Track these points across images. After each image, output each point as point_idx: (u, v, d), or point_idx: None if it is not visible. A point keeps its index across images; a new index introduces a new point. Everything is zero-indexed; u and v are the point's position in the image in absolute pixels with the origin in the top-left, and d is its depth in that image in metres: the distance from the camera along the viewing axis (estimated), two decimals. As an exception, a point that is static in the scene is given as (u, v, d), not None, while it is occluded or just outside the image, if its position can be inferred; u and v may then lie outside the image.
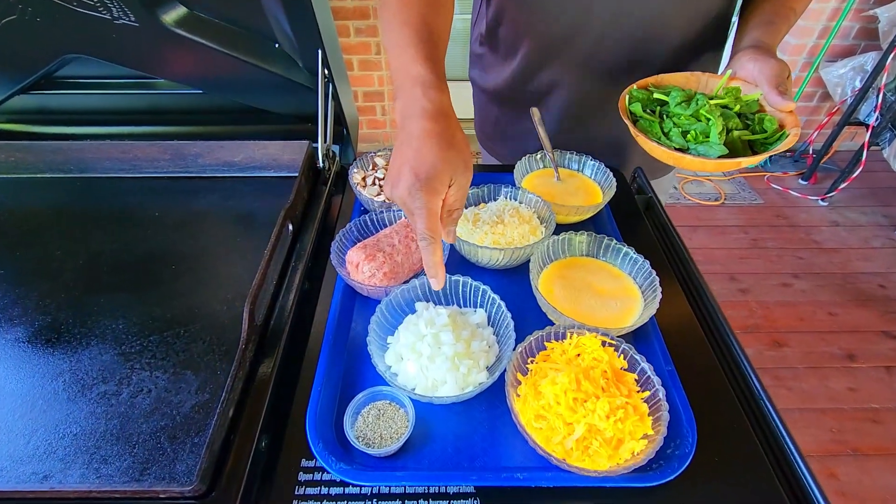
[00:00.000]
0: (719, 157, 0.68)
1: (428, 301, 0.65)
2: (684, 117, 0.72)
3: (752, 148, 0.71)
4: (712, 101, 0.73)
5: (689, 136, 0.71)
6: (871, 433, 1.70)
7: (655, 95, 0.76)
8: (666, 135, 0.73)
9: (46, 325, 0.66)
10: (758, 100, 0.73)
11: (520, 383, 0.55)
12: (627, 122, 0.73)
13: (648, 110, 0.76)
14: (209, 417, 0.56)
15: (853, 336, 2.01)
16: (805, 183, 2.79)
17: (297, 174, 0.83)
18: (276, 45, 0.91)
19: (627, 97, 0.77)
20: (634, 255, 0.68)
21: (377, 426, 0.54)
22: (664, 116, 0.75)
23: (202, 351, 0.63)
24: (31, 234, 0.82)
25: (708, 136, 0.69)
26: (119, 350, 0.63)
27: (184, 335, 0.65)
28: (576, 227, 0.81)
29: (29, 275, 0.74)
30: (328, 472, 0.51)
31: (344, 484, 0.51)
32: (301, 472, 0.52)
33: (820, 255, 2.38)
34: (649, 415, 0.52)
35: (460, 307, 0.66)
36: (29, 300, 0.70)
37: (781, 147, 0.68)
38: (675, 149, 0.70)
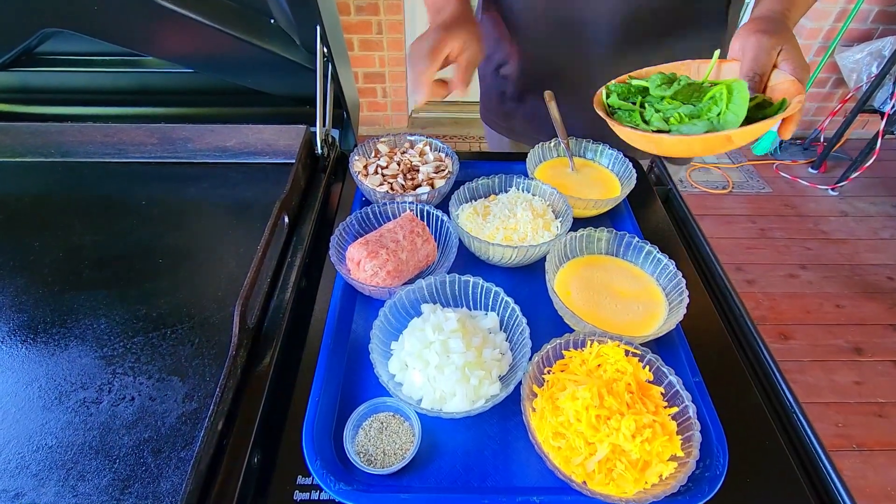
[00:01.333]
0: (706, 132, 0.57)
1: (435, 303, 0.60)
2: (667, 100, 0.63)
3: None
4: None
5: (671, 119, 0.61)
6: (877, 427, 1.68)
7: (634, 83, 0.68)
8: (646, 122, 0.64)
9: (22, 324, 0.61)
10: None
11: (536, 396, 0.50)
12: (602, 113, 0.65)
13: (631, 101, 0.67)
14: (197, 429, 0.51)
15: (860, 329, 1.97)
16: (815, 172, 2.72)
17: (293, 161, 0.77)
18: (272, 21, 0.84)
19: (604, 92, 0.69)
20: (658, 255, 0.63)
21: (380, 441, 0.50)
22: (646, 106, 0.66)
23: (190, 354, 0.58)
24: (6, 223, 0.76)
25: (697, 117, 0.60)
26: (100, 353, 0.58)
27: (171, 337, 0.60)
28: (592, 221, 0.76)
29: (3, 268, 0.68)
30: (326, 492, 0.47)
31: (344, 505, 0.47)
32: (297, 491, 0.48)
33: (828, 245, 2.34)
34: (678, 433, 0.47)
35: (470, 310, 0.61)
36: (4, 296, 0.65)
37: (779, 116, 0.56)
38: (654, 131, 0.61)
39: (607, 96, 0.68)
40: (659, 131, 0.61)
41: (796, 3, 0.65)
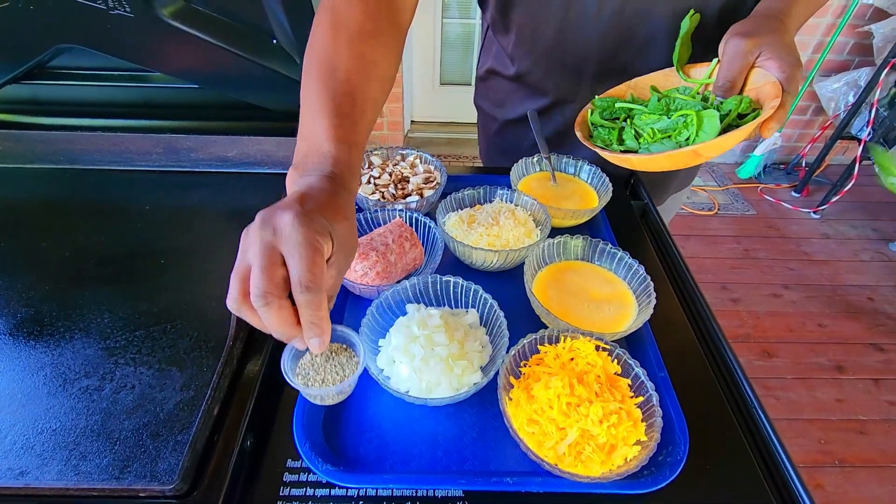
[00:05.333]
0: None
1: (419, 303, 0.64)
2: (644, 115, 0.68)
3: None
4: (684, 96, 0.67)
5: (644, 136, 0.66)
6: (857, 444, 1.71)
7: (618, 105, 0.72)
8: (622, 141, 0.69)
9: (29, 318, 0.65)
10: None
11: (512, 387, 0.54)
12: (579, 134, 0.71)
13: (615, 118, 0.72)
14: (193, 415, 0.54)
15: (842, 347, 2.02)
16: (797, 195, 2.81)
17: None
18: (274, 41, 0.90)
19: (590, 110, 0.74)
20: (629, 260, 0.68)
21: (323, 369, 0.50)
22: (628, 122, 0.71)
23: (188, 347, 0.62)
24: (16, 224, 0.80)
25: (668, 137, 0.64)
26: (103, 344, 0.62)
27: (170, 331, 0.64)
28: (571, 230, 0.80)
29: (12, 266, 0.72)
30: (314, 473, 0.50)
31: (330, 486, 0.50)
32: (286, 473, 0.51)
33: (810, 266, 2.40)
34: (642, 421, 0.51)
35: (451, 308, 0.65)
36: (12, 291, 0.68)
37: (748, 127, 0.57)
38: (622, 151, 0.66)
39: (591, 112, 0.73)
40: (627, 150, 0.66)
41: (797, 5, 0.63)
